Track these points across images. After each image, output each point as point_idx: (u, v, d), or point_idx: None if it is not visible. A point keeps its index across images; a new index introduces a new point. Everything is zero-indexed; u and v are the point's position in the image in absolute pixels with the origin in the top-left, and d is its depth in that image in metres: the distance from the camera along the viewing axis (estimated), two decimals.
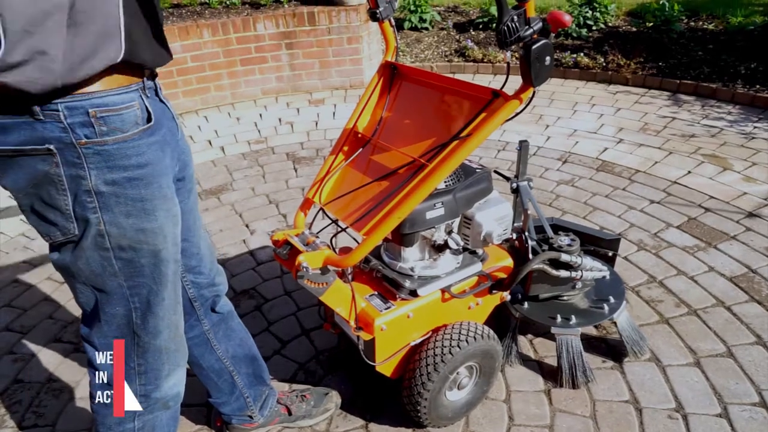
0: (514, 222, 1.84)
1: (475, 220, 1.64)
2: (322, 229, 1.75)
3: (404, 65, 1.66)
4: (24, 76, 0.88)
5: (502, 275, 1.79)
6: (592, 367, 1.91)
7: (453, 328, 1.65)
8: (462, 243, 1.63)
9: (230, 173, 3.57)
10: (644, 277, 2.43)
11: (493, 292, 1.78)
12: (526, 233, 1.87)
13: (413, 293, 1.64)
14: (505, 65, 4.97)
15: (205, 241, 1.46)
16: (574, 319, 1.87)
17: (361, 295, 1.65)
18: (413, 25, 5.84)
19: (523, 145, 1.90)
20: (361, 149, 1.64)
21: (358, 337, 1.58)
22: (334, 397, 1.84)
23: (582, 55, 5.00)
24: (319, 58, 4.83)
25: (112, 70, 0.99)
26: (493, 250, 1.85)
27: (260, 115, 4.48)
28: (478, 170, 1.65)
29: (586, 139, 3.79)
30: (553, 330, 1.86)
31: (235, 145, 3.98)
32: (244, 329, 1.66)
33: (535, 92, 1.27)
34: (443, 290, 1.67)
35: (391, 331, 1.59)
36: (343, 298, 1.52)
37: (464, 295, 1.70)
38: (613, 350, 2.04)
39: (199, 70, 4.53)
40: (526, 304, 1.95)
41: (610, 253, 2.12)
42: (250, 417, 1.71)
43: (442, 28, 5.91)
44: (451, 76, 2.59)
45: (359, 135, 1.66)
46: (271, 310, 2.35)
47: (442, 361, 1.58)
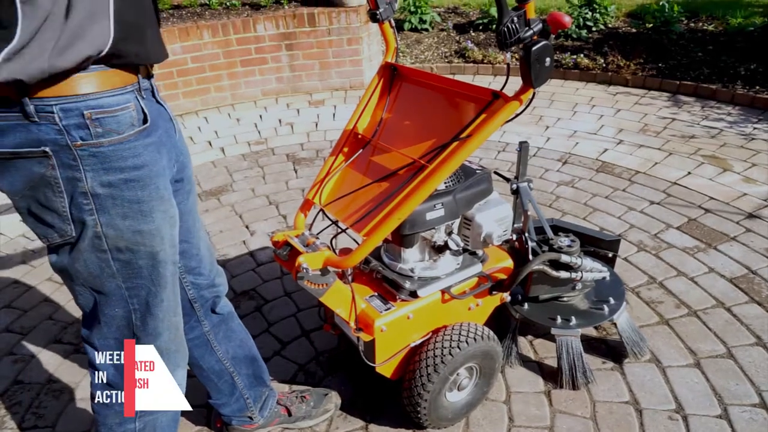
0: (514, 223, 1.84)
1: (475, 221, 1.64)
2: (322, 230, 1.74)
3: (404, 66, 1.66)
4: (19, 64, 0.87)
5: (502, 276, 1.79)
6: (592, 368, 1.91)
7: (453, 329, 1.65)
8: (462, 244, 1.64)
9: (230, 174, 3.57)
10: (644, 278, 2.43)
11: (493, 293, 1.78)
12: (526, 234, 1.88)
13: (413, 294, 1.64)
14: (505, 66, 4.97)
15: (204, 242, 1.46)
16: (574, 320, 1.87)
17: (361, 296, 1.65)
18: (413, 26, 5.84)
19: (523, 146, 1.90)
20: (361, 150, 1.64)
21: (358, 338, 1.58)
22: (334, 398, 1.84)
23: (582, 56, 5.01)
24: (319, 59, 4.83)
25: (106, 71, 0.98)
26: (493, 251, 1.85)
27: (260, 116, 4.48)
28: (478, 171, 1.65)
29: (586, 140, 3.80)
30: (553, 331, 1.86)
31: (235, 146, 3.98)
32: (244, 330, 1.66)
33: (535, 93, 1.27)
34: (443, 291, 1.67)
35: (391, 332, 1.59)
36: (343, 299, 1.52)
37: (464, 296, 1.70)
38: (613, 351, 2.04)
39: (200, 71, 4.54)
40: (526, 305, 1.95)
41: (610, 254, 2.12)
42: (250, 418, 1.71)
43: (442, 30, 5.92)
44: (451, 77, 2.59)
45: (359, 136, 1.66)
46: (271, 311, 2.35)
47: (442, 362, 1.58)
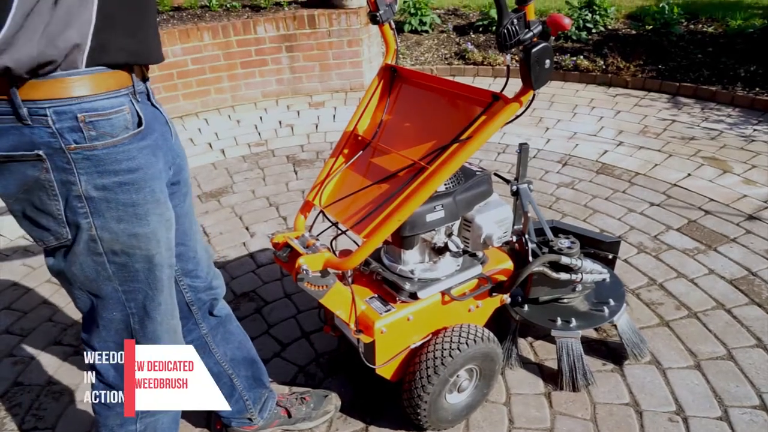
0: (514, 225, 1.84)
1: (475, 223, 1.64)
2: (322, 232, 1.74)
3: (404, 68, 1.67)
4: (7, 52, 0.86)
5: (502, 278, 1.79)
6: (592, 369, 1.91)
7: (453, 330, 1.65)
8: (462, 246, 1.63)
9: (230, 176, 3.57)
10: (644, 280, 2.43)
11: (493, 294, 1.78)
12: (526, 236, 1.87)
13: (413, 296, 1.63)
14: (505, 68, 4.98)
15: (201, 245, 1.46)
16: (574, 322, 1.87)
17: (361, 298, 1.65)
18: (413, 28, 5.85)
19: (523, 148, 1.90)
20: (362, 152, 1.64)
21: (358, 339, 1.58)
22: (334, 400, 1.84)
23: (582, 57, 5.01)
24: (320, 61, 4.83)
25: (100, 73, 0.98)
26: (493, 253, 1.85)
27: (260, 118, 4.48)
28: (478, 173, 1.65)
29: (586, 142, 3.80)
30: (554, 333, 1.86)
31: (236, 147, 3.98)
32: (242, 332, 1.66)
33: (535, 95, 1.28)
34: (443, 293, 1.67)
35: (391, 334, 1.58)
36: (343, 301, 1.52)
37: (464, 297, 1.70)
38: (614, 353, 2.04)
39: (200, 73, 4.54)
40: (526, 307, 1.94)
41: (610, 256, 2.12)
42: (250, 420, 1.70)
43: (442, 31, 5.92)
44: (451, 78, 2.59)
45: (359, 138, 1.66)
46: (271, 313, 2.35)
47: (443, 364, 1.58)
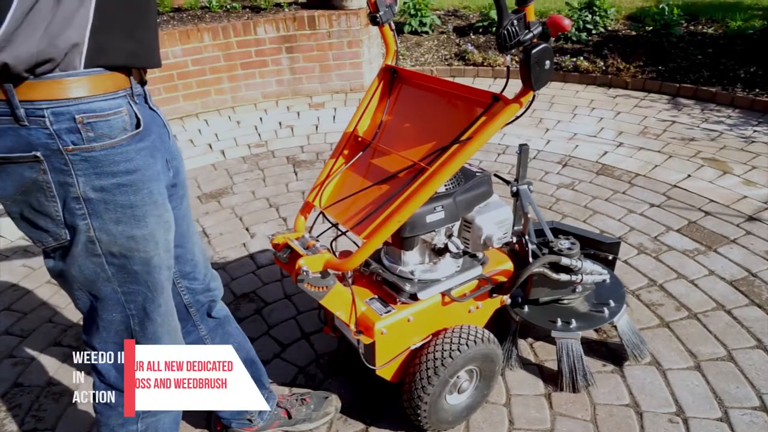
0: (514, 225, 1.84)
1: (476, 224, 1.64)
2: (323, 233, 1.74)
3: (404, 69, 1.67)
4: (6, 50, 0.86)
5: (503, 279, 1.79)
6: (592, 370, 1.91)
7: (453, 331, 1.65)
8: (462, 246, 1.63)
9: (230, 177, 3.57)
10: (644, 281, 2.43)
11: (494, 295, 1.78)
12: (527, 237, 1.87)
13: (413, 297, 1.63)
14: (505, 69, 4.98)
15: (198, 247, 1.46)
16: (574, 323, 1.87)
17: (362, 299, 1.65)
18: (413, 29, 5.85)
19: (523, 149, 1.90)
20: (362, 153, 1.64)
21: (358, 340, 1.57)
22: (334, 401, 1.84)
23: (582, 58, 5.01)
24: (320, 62, 4.84)
25: (98, 74, 0.98)
26: (494, 254, 1.85)
27: (260, 119, 4.48)
28: (478, 174, 1.66)
29: (586, 143, 3.80)
30: (554, 333, 1.86)
31: (236, 148, 3.98)
32: (241, 333, 1.66)
33: (535, 96, 1.28)
34: (443, 294, 1.67)
35: (391, 335, 1.58)
36: (343, 302, 1.52)
37: (464, 298, 1.70)
38: (614, 354, 2.04)
39: (200, 74, 4.54)
40: (527, 308, 1.94)
41: (610, 257, 2.12)
42: (250, 421, 1.70)
43: (442, 32, 5.93)
44: (451, 79, 2.59)
45: (359, 138, 1.66)
46: (271, 314, 2.35)
47: (443, 365, 1.58)
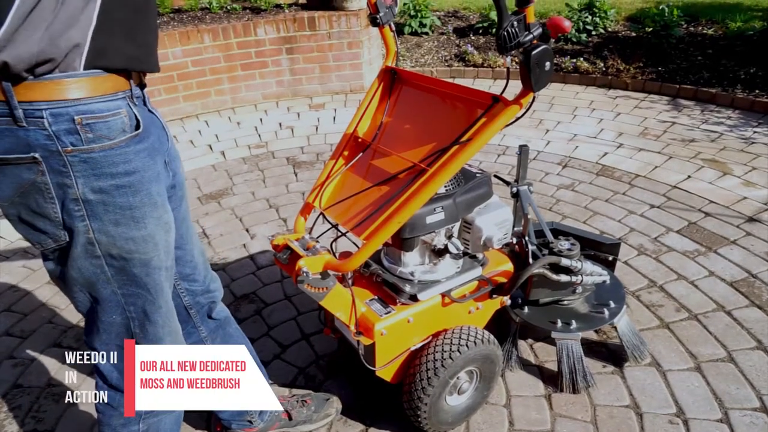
0: (514, 226, 1.84)
1: (476, 225, 1.64)
2: (322, 234, 1.74)
3: (404, 70, 1.67)
4: (6, 49, 0.86)
5: (503, 280, 1.79)
6: (592, 371, 1.91)
7: (453, 332, 1.65)
8: (462, 247, 1.63)
9: (230, 177, 3.57)
10: (644, 282, 2.43)
11: (494, 296, 1.78)
12: (527, 238, 1.88)
13: (413, 298, 1.63)
14: (505, 70, 4.98)
15: (198, 248, 1.46)
16: (574, 324, 1.87)
17: (362, 300, 1.64)
18: (413, 30, 5.85)
19: (523, 150, 1.90)
20: (362, 154, 1.64)
21: (358, 341, 1.57)
22: (335, 403, 1.84)
23: (582, 60, 5.02)
24: (320, 63, 4.84)
25: (98, 76, 0.98)
26: (494, 255, 1.85)
27: (261, 120, 4.48)
28: (478, 175, 1.66)
29: (586, 144, 3.80)
30: (554, 334, 1.86)
31: (236, 149, 3.99)
32: (241, 335, 1.66)
33: (535, 97, 1.28)
34: (443, 295, 1.67)
35: (391, 336, 1.58)
36: (343, 303, 1.52)
37: (464, 299, 1.70)
38: (614, 355, 2.04)
39: (200, 75, 4.54)
40: (527, 309, 1.94)
41: (611, 258, 2.12)
42: (250, 422, 1.70)
43: (442, 33, 5.93)
44: (451, 80, 2.59)
45: (359, 140, 1.66)
46: (271, 315, 2.35)
47: (443, 366, 1.58)
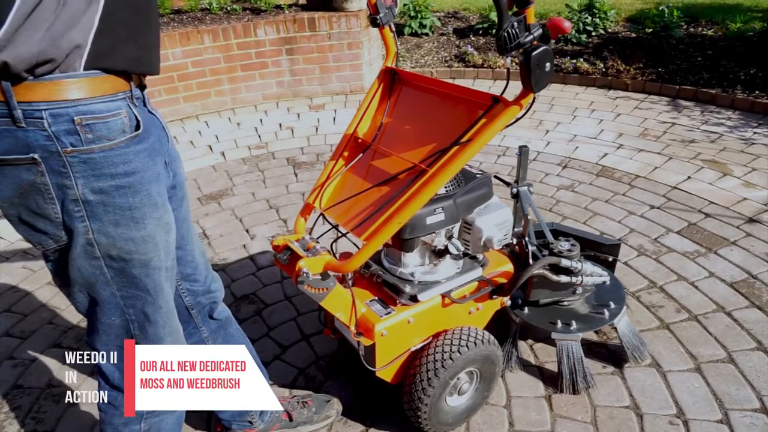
0: (514, 227, 1.84)
1: (476, 226, 1.64)
2: (323, 234, 1.74)
3: (404, 71, 1.67)
4: (6, 49, 0.86)
5: (503, 280, 1.79)
6: (592, 372, 1.91)
7: (453, 333, 1.65)
8: (462, 248, 1.63)
9: (230, 178, 3.57)
10: (644, 283, 2.43)
11: (494, 297, 1.78)
12: (527, 238, 1.88)
13: (413, 298, 1.63)
14: (505, 71, 4.98)
15: (199, 249, 1.46)
16: (574, 325, 1.87)
17: (362, 301, 1.65)
18: (413, 31, 5.86)
19: (523, 151, 1.90)
20: (362, 154, 1.64)
21: (359, 342, 1.58)
22: (336, 404, 1.84)
23: (582, 60, 5.02)
24: (320, 64, 4.84)
25: (98, 77, 0.98)
26: (494, 255, 1.85)
27: (261, 120, 4.48)
28: (478, 175, 1.66)
29: (586, 145, 3.80)
30: (554, 335, 1.86)
31: (236, 150, 3.99)
32: (242, 335, 1.66)
33: (535, 98, 1.28)
34: (443, 295, 1.67)
35: (392, 337, 1.58)
36: (343, 304, 1.52)
37: (464, 300, 1.70)
38: (614, 356, 2.04)
39: (200, 76, 4.55)
40: (527, 310, 1.94)
41: (611, 259, 2.12)
42: (250, 423, 1.70)
43: (442, 34, 5.93)
44: (451, 81, 2.59)
45: (359, 140, 1.66)
46: (271, 315, 2.35)
47: (443, 367, 1.58)
